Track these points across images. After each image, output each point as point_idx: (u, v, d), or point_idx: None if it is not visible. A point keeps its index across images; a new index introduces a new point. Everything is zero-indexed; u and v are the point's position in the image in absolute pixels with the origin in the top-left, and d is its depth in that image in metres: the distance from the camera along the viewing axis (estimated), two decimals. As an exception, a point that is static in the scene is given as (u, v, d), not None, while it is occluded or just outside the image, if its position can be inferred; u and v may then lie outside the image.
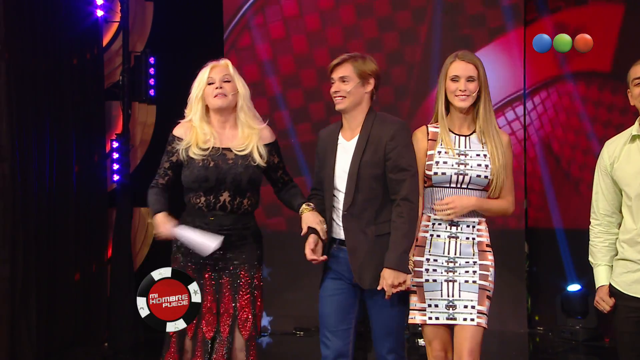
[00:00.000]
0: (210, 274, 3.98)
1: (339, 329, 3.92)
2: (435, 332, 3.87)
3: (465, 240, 3.84)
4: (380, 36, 7.46)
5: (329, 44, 7.55)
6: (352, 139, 3.93)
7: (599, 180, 3.81)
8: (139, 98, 7.45)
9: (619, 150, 3.73)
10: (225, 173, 3.94)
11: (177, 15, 7.61)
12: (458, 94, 3.79)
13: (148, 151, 7.66)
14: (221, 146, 3.99)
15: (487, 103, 3.82)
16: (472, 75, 3.79)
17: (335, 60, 3.93)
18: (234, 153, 3.98)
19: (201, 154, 3.95)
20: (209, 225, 3.94)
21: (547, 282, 7.46)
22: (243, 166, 3.96)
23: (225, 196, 3.95)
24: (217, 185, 3.94)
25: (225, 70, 4.03)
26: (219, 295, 3.98)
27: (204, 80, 4.02)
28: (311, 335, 6.78)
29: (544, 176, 7.45)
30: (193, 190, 3.97)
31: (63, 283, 6.56)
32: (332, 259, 3.95)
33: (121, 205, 7.30)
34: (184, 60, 7.61)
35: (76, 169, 6.76)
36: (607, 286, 3.80)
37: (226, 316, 3.97)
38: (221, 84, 4.00)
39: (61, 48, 6.60)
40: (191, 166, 3.96)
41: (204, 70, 4.06)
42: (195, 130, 3.99)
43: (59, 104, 6.55)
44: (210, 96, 4.00)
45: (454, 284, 3.81)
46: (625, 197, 3.72)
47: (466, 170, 3.79)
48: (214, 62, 4.07)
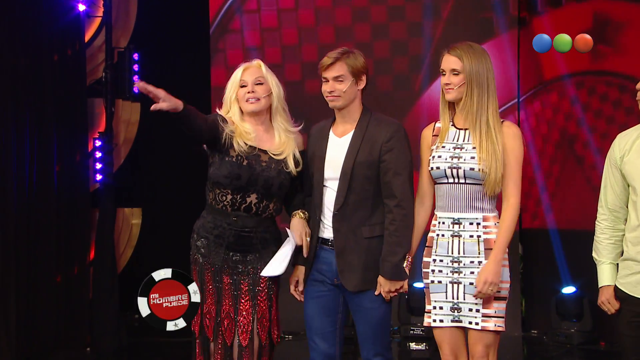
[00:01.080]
0: (230, 278, 3.98)
1: (325, 331, 3.93)
2: (442, 335, 3.81)
3: (469, 238, 3.76)
4: (371, 43, 7.43)
5: (319, 41, 7.49)
6: (344, 136, 3.92)
7: (609, 173, 3.75)
8: (123, 95, 7.40)
9: (631, 144, 3.67)
10: (258, 174, 3.94)
11: (162, 10, 7.56)
12: (444, 87, 3.80)
13: (132, 150, 7.64)
14: (258, 146, 3.98)
15: (477, 95, 3.74)
16: (456, 69, 3.74)
17: (328, 59, 3.87)
18: (269, 155, 3.98)
19: (241, 149, 3.93)
20: (231, 226, 3.95)
21: (541, 284, 7.43)
22: (276, 170, 3.97)
23: (253, 198, 3.96)
24: (247, 185, 3.93)
25: (257, 72, 4.01)
26: (237, 300, 3.97)
27: (237, 82, 4.02)
28: (299, 339, 6.73)
29: (537, 176, 7.41)
30: (221, 186, 3.95)
31: (44, 285, 6.52)
32: (317, 259, 3.94)
33: (104, 206, 7.24)
34: (169, 57, 7.67)
35: (57, 168, 6.73)
36: (613, 287, 3.72)
37: (244, 322, 3.96)
38: (253, 87, 3.99)
39: (41, 44, 6.57)
40: (224, 160, 3.94)
41: (236, 71, 4.05)
42: (237, 126, 3.99)
43: (39, 102, 6.51)
44: (242, 100, 4.00)
45: (459, 285, 3.76)
46: (632, 193, 3.66)
47: (459, 164, 3.74)
48: (247, 62, 4.06)
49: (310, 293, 3.96)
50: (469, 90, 3.74)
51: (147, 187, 7.85)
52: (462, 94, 3.76)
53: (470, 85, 3.74)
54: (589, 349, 6.95)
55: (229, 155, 3.93)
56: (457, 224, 3.77)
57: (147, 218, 7.85)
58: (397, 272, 3.79)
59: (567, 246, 7.19)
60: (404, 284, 3.82)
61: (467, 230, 3.76)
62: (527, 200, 7.43)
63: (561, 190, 7.33)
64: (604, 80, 7.16)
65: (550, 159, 7.41)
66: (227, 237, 3.95)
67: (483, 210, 3.77)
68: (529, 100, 7.50)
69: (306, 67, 7.35)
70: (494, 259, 3.70)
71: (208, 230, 3.98)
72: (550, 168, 7.43)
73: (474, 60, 3.75)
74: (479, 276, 3.69)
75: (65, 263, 6.85)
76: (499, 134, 3.73)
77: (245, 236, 3.95)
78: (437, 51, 4.00)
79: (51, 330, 6.60)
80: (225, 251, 3.96)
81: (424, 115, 7.22)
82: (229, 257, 3.96)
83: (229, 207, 3.94)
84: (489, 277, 3.67)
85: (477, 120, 3.74)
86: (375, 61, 7.25)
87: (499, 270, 3.70)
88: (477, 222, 3.76)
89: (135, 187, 7.80)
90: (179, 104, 3.71)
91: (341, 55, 3.86)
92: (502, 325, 3.74)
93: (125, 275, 7.54)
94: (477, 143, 3.73)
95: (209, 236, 3.98)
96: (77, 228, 7.01)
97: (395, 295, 3.83)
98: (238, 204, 3.93)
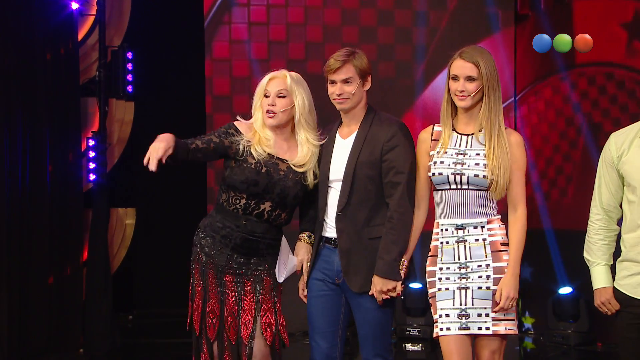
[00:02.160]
0: (233, 277, 3.98)
1: (326, 330, 3.94)
2: (450, 344, 3.69)
3: (474, 242, 3.71)
4: (359, 45, 7.38)
5: (307, 39, 7.52)
6: (349, 137, 3.94)
7: (603, 173, 3.70)
8: (116, 94, 7.39)
9: (629, 143, 3.62)
10: (275, 183, 3.93)
11: (156, 9, 7.57)
12: (457, 94, 3.71)
13: (126, 150, 7.61)
14: (277, 155, 3.96)
15: (492, 102, 3.69)
16: (472, 75, 3.67)
17: (335, 62, 3.86)
18: (288, 165, 3.96)
19: (261, 155, 3.92)
20: (239, 229, 3.94)
21: (538, 284, 7.39)
22: (293, 180, 3.96)
23: (267, 205, 3.95)
24: (263, 192, 3.92)
25: (281, 85, 3.96)
26: (240, 298, 3.98)
27: (262, 92, 3.99)
28: (296, 340, 6.67)
29: (532, 177, 7.39)
30: (237, 191, 3.93)
31: (36, 287, 6.49)
32: (319, 257, 3.95)
33: (97, 206, 7.22)
34: (163, 55, 7.68)
35: (50, 168, 6.70)
36: (611, 288, 3.68)
37: (248, 320, 3.95)
38: (274, 99, 3.94)
39: (34, 42, 6.54)
40: (243, 166, 3.92)
41: (264, 79, 4.02)
42: (258, 134, 3.96)
43: (32, 101, 6.49)
44: (263, 110, 3.98)
45: (467, 291, 3.69)
46: (629, 192, 3.61)
47: (463, 170, 3.68)
48: (274, 72, 4.01)
49: (312, 291, 3.97)
50: (485, 97, 3.69)
51: (141, 187, 7.85)
52: (475, 100, 3.71)
53: (487, 92, 3.69)
54: (585, 350, 6.95)
55: (247, 162, 3.92)
56: (461, 229, 3.72)
57: (141, 218, 7.84)
58: (390, 271, 3.77)
59: (564, 246, 7.17)
60: (397, 286, 3.79)
61: (472, 234, 3.71)
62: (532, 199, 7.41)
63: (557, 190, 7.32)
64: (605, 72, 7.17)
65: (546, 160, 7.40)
66: (234, 239, 3.94)
67: (487, 214, 3.73)
68: (524, 100, 7.53)
69: (291, 65, 7.32)
70: (513, 273, 3.66)
71: (215, 229, 3.97)
72: (546, 168, 7.42)
73: (488, 65, 3.69)
74: (499, 291, 3.64)
75: (58, 264, 6.82)
76: (507, 141, 3.70)
77: (253, 240, 3.95)
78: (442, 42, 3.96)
79: (43, 332, 6.56)
80: (230, 252, 3.95)
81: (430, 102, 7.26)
82: (233, 259, 3.95)
83: (240, 211, 3.93)
84: (511, 293, 3.63)
85: (492, 127, 3.69)
86: (379, 46, 7.33)
87: (517, 284, 3.66)
88: (481, 225, 3.72)
89: (129, 187, 7.80)
90: (170, 144, 3.75)
91: (348, 57, 3.86)
92: (513, 328, 3.69)
93: (118, 276, 7.53)
94: (489, 149, 3.67)
95: (215, 235, 3.96)
96: (70, 228, 6.99)
97: (387, 297, 3.80)
98: (251, 209, 3.93)
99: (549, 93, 7.41)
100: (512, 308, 3.66)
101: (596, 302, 3.72)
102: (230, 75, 7.39)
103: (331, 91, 3.89)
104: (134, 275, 7.99)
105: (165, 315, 7.73)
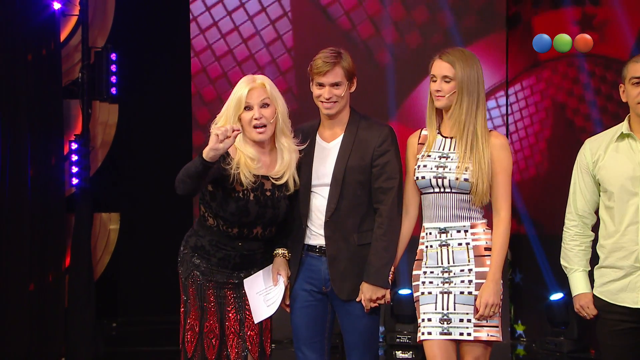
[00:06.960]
0: (232, 292, 3.89)
1: (313, 340, 3.91)
2: (433, 349, 3.69)
3: (457, 246, 3.72)
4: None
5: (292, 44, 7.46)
6: (334, 141, 3.88)
7: (578, 179, 3.74)
8: (100, 97, 7.36)
9: (604, 149, 3.67)
10: (265, 209, 3.78)
11: (141, 9, 7.54)
12: (434, 94, 3.74)
13: (110, 153, 7.59)
14: (260, 173, 3.78)
15: (466, 104, 3.69)
16: (448, 75, 3.70)
17: (324, 65, 3.77)
18: (271, 182, 3.80)
19: (247, 181, 3.72)
20: (235, 250, 3.84)
21: (530, 291, 7.39)
22: (280, 198, 3.81)
23: (259, 229, 3.84)
24: (255, 220, 3.80)
25: (262, 93, 3.74)
26: (241, 313, 3.89)
27: (241, 102, 3.72)
28: (283, 348, 6.67)
29: (523, 183, 7.44)
30: (227, 222, 3.80)
31: (16, 294, 6.47)
32: (302, 266, 3.89)
33: (80, 211, 7.20)
34: (148, 57, 7.66)
35: (31, 172, 6.68)
36: (591, 294, 3.70)
37: (253, 335, 3.88)
38: (260, 112, 3.72)
39: (15, 43, 6.53)
40: (231, 196, 3.74)
41: (238, 88, 3.76)
42: (240, 154, 3.74)
43: (12, 103, 6.48)
44: (248, 126, 3.74)
45: (449, 295, 3.69)
46: (606, 198, 3.64)
47: (444, 173, 3.70)
48: (247, 81, 3.76)
49: (297, 302, 3.91)
50: (459, 98, 3.70)
51: (125, 192, 7.81)
52: (452, 101, 3.71)
53: (460, 93, 3.69)
54: (579, 357, 6.93)
55: (235, 191, 3.74)
56: (444, 233, 3.73)
57: (125, 223, 7.78)
58: (380, 278, 3.75)
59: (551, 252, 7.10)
60: (386, 294, 3.77)
61: (455, 238, 3.72)
62: (514, 205, 7.37)
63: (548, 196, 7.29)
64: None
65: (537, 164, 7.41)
66: (232, 259, 3.85)
67: (470, 218, 3.74)
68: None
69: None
70: (493, 279, 3.66)
71: (209, 252, 3.84)
72: (537, 173, 7.42)
73: (466, 67, 3.70)
74: (479, 298, 3.64)
75: (39, 270, 6.78)
76: (486, 144, 3.69)
77: (251, 255, 3.88)
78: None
79: (24, 341, 6.50)
80: (230, 271, 3.87)
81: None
82: (234, 276, 3.88)
83: (235, 236, 3.84)
84: (490, 299, 3.63)
85: (464, 130, 3.69)
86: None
87: (498, 290, 3.66)
88: (464, 229, 3.72)
89: (113, 191, 7.75)
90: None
91: (336, 60, 3.79)
92: (495, 335, 3.68)
93: (102, 282, 7.49)
94: (462, 153, 3.68)
95: (210, 258, 3.84)
96: (52, 234, 6.94)
97: (375, 305, 3.79)
98: (245, 235, 3.83)
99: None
100: (494, 315, 3.64)
101: (576, 306, 3.75)
102: (216, 77, 7.35)
103: (318, 94, 3.81)
104: (118, 282, 7.97)
105: (150, 323, 7.67)
